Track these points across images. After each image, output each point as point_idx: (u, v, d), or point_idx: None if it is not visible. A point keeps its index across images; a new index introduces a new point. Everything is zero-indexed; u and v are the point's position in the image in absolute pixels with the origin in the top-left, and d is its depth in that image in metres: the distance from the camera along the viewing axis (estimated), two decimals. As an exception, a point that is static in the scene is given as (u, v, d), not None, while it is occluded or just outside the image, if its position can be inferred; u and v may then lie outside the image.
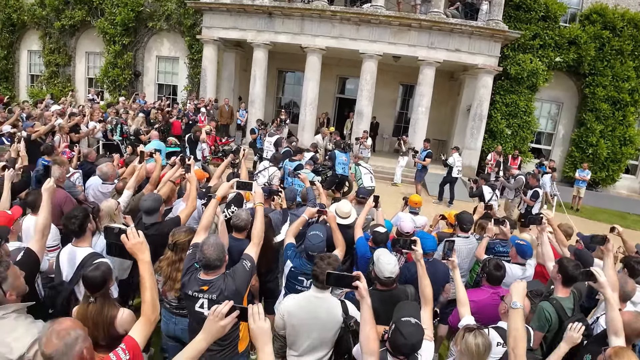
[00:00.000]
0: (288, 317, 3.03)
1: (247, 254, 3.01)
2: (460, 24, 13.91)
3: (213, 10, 15.61)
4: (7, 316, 2.29)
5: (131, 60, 18.82)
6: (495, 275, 3.65)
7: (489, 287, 3.66)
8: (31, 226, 3.86)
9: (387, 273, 3.22)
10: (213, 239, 2.79)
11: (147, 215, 3.88)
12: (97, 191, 5.24)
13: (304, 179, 5.51)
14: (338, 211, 4.67)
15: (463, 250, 4.57)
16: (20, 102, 14.92)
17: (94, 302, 2.51)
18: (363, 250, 4.17)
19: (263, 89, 15.94)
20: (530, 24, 15.36)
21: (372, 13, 14.15)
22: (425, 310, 2.89)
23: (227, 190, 3.62)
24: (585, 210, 13.84)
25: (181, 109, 14.76)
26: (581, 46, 15.35)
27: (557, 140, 17.33)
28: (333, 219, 4.16)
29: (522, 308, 2.61)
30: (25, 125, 8.87)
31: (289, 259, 3.64)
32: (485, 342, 2.45)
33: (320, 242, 3.52)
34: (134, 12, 17.93)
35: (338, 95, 19.91)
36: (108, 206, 4.10)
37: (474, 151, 14.98)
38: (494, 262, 3.73)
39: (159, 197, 4.03)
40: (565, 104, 16.95)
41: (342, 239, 3.94)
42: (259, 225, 3.22)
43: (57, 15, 19.21)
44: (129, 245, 2.33)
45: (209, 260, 2.69)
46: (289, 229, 4.03)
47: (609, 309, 2.97)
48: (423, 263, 3.02)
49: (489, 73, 14.41)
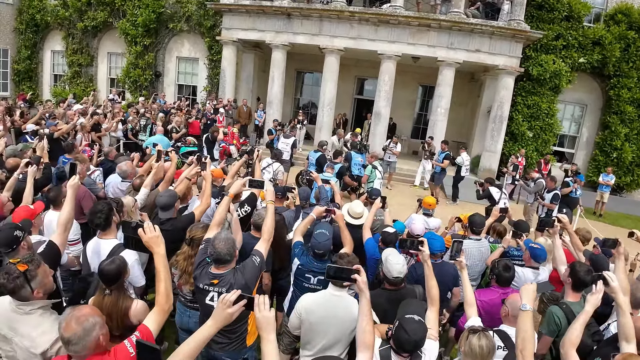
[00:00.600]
0: (306, 315, 3.11)
1: (257, 249, 3.12)
2: (480, 24, 13.82)
3: (232, 12, 15.86)
4: (34, 312, 2.42)
5: (152, 61, 19.26)
6: (505, 277, 3.68)
7: (499, 288, 3.71)
8: (53, 220, 4.02)
9: (396, 273, 3.29)
10: (224, 234, 2.91)
11: (162, 210, 4.03)
12: (117, 188, 5.45)
13: (316, 177, 5.60)
14: (350, 211, 4.75)
15: (474, 252, 4.58)
16: (44, 101, 15.40)
17: (109, 294, 2.66)
18: (372, 251, 4.24)
19: (281, 89, 16.13)
20: (553, 24, 15.15)
21: (391, 13, 14.18)
22: (432, 311, 2.94)
23: (239, 187, 3.74)
24: (608, 216, 13.59)
25: (200, 109, 15.02)
26: (606, 47, 15.08)
27: (580, 143, 17.05)
28: (341, 217, 4.22)
29: (531, 310, 2.64)
30: (49, 124, 9.18)
31: (296, 256, 3.73)
32: (490, 344, 2.49)
33: (326, 240, 3.59)
34: (155, 13, 18.33)
35: (356, 96, 19.98)
36: (126, 203, 4.27)
37: (494, 154, 14.86)
38: (503, 263, 3.77)
39: (174, 194, 4.18)
40: (589, 106, 16.67)
41: (350, 237, 4.01)
42: (269, 222, 3.32)
43: (79, 16, 19.80)
44: (146, 239, 2.47)
45: (219, 254, 2.80)
46: (297, 227, 4.12)
47: (620, 315, 2.95)
48: (430, 264, 3.08)
49: (510, 74, 14.28)
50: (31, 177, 4.45)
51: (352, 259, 3.11)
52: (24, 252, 2.95)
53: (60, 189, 4.19)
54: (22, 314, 2.40)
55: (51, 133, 8.45)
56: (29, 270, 2.39)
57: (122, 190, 5.36)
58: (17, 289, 2.35)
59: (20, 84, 21.93)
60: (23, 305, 2.40)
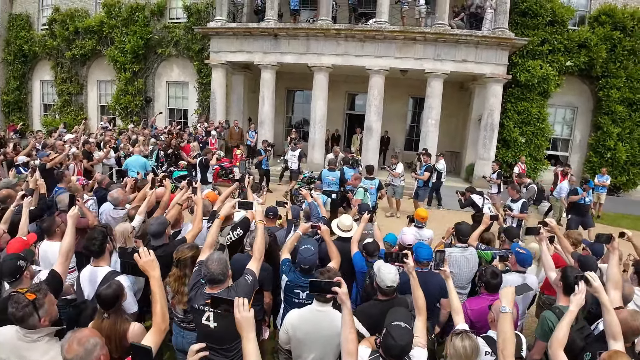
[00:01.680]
0: (292, 331, 3.26)
1: (249, 268, 3.29)
2: (465, 35, 14.20)
3: (220, 35, 16.23)
4: (41, 339, 2.56)
5: (142, 86, 19.59)
6: (493, 284, 3.81)
7: (488, 295, 3.83)
8: (47, 251, 4.19)
9: (389, 282, 3.43)
10: (217, 255, 3.09)
11: (154, 238, 4.18)
12: (109, 216, 5.58)
13: (306, 194, 5.78)
14: (340, 225, 4.93)
15: (461, 260, 4.73)
16: (34, 132, 15.61)
17: (108, 318, 2.82)
18: (360, 264, 4.41)
19: (272, 109, 16.40)
20: (538, 29, 15.53)
21: (377, 29, 14.55)
22: (419, 320, 3.08)
23: (229, 210, 3.92)
24: (606, 217, 13.75)
25: (192, 132, 15.25)
26: (592, 49, 15.43)
27: (574, 146, 17.33)
28: (327, 232, 4.37)
29: (510, 312, 2.78)
30: (40, 155, 9.33)
31: (284, 273, 3.89)
32: (472, 344, 2.64)
33: (312, 255, 3.74)
34: (143, 39, 18.74)
35: (348, 112, 20.26)
36: (124, 228, 4.42)
37: (487, 161, 15.02)
38: (490, 270, 3.90)
39: (164, 221, 4.33)
40: (580, 108, 16.98)
41: (337, 252, 4.16)
42: (259, 241, 3.49)
43: (67, 45, 20.21)
44: (141, 263, 2.67)
45: (213, 274, 2.97)
46: (285, 245, 4.31)
47: (605, 312, 3.05)
48: (415, 275, 3.24)
49: (498, 82, 14.61)
50: (26, 209, 4.60)
51: (332, 274, 3.23)
52: (27, 282, 3.11)
53: (53, 219, 4.34)
54: (30, 341, 2.53)
55: (43, 164, 8.62)
56: (37, 299, 2.54)
57: (115, 218, 5.49)
58: (26, 317, 2.50)
59: (10, 115, 22.25)
60: (30, 333, 2.54)
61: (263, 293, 4.26)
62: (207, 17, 17.76)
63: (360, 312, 3.63)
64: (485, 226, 5.47)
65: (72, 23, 19.80)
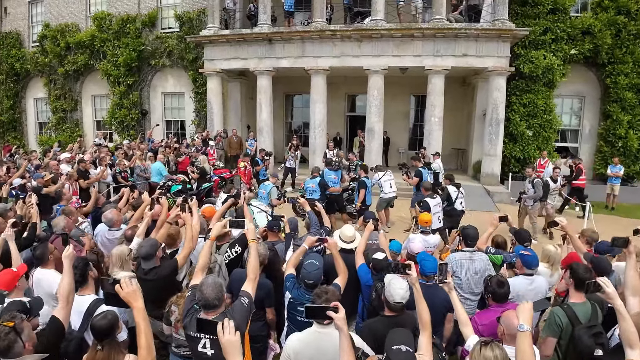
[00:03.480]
0: (294, 356, 3.17)
1: (245, 290, 3.24)
2: (464, 28, 14.12)
3: (213, 43, 16.27)
4: None
5: (137, 99, 19.67)
6: (500, 293, 3.74)
7: (497, 306, 3.74)
8: (42, 279, 4.19)
9: (398, 298, 3.37)
10: (211, 279, 3.05)
11: (144, 260, 4.15)
12: (104, 238, 5.57)
13: (304, 203, 5.73)
14: (342, 236, 4.87)
15: (468, 265, 4.66)
16: (29, 152, 15.69)
17: (102, 349, 2.79)
18: (365, 277, 4.32)
19: (270, 115, 16.41)
20: (539, 18, 15.42)
21: (373, 28, 14.52)
22: (424, 335, 3.01)
23: (220, 229, 3.88)
24: (621, 208, 13.60)
25: (189, 144, 15.26)
26: (596, 35, 15.30)
27: (583, 136, 17.16)
28: (334, 246, 4.27)
29: (529, 331, 2.69)
30: (36, 177, 9.34)
31: (288, 290, 3.83)
32: (503, 354, 2.55)
33: (316, 270, 3.70)
34: (136, 51, 18.85)
35: (348, 114, 20.26)
36: (121, 251, 4.38)
37: (494, 157, 14.97)
38: (495, 279, 3.82)
39: (155, 243, 4.28)
40: (588, 97, 16.82)
41: (344, 266, 4.07)
42: (253, 261, 3.44)
43: (59, 61, 20.35)
44: (123, 294, 2.64)
45: (207, 300, 2.92)
46: (289, 259, 4.23)
47: (620, 319, 2.98)
48: (418, 287, 3.19)
49: (501, 75, 14.52)
50: (11, 240, 4.57)
51: (330, 296, 3.13)
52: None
53: (46, 246, 4.33)
54: None
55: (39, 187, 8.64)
56: (16, 324, 2.58)
57: (110, 239, 5.48)
58: (11, 345, 2.52)
59: (5, 135, 22.48)
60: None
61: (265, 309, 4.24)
62: (199, 25, 17.81)
63: (366, 328, 3.58)
64: (494, 228, 5.36)
65: (63, 38, 19.95)
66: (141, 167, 12.17)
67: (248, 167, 12.78)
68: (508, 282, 3.87)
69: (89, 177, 10.53)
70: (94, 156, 12.51)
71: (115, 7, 19.62)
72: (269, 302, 4.18)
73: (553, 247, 5.26)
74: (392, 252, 5.26)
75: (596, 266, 4.18)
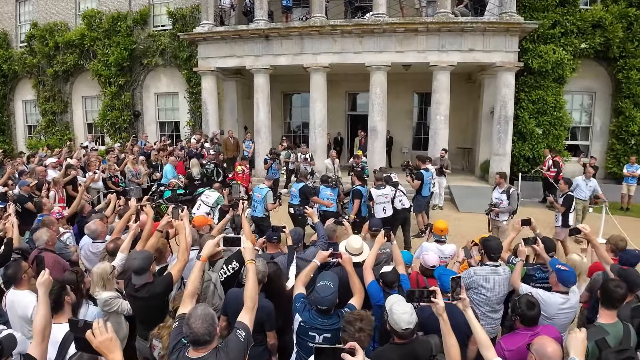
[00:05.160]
0: None
1: (241, 322, 2.87)
2: (470, 22, 13.78)
3: (207, 40, 15.90)
4: None
5: (129, 100, 19.29)
6: (530, 315, 3.36)
7: (526, 330, 3.37)
8: (15, 301, 3.87)
9: (404, 324, 3.01)
10: (201, 309, 2.64)
11: (137, 275, 3.75)
12: (89, 251, 5.21)
13: (311, 213, 5.34)
14: (348, 247, 4.50)
15: (492, 280, 4.28)
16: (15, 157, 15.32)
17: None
18: (377, 296, 3.96)
19: (268, 115, 16.06)
20: (548, 11, 15.12)
21: (375, 22, 14.18)
22: None
23: (212, 248, 3.49)
24: (637, 209, 13.27)
25: (184, 147, 14.91)
26: (607, 28, 14.98)
27: (594, 133, 16.80)
28: (349, 261, 3.98)
29: None
30: (21, 184, 8.99)
31: (298, 312, 3.49)
32: None
33: (331, 294, 3.35)
34: (127, 50, 18.48)
35: (350, 113, 19.93)
36: (102, 269, 4.04)
37: (503, 157, 14.61)
38: (524, 300, 3.45)
39: (149, 255, 3.91)
40: (598, 93, 16.49)
41: (360, 284, 3.78)
42: (250, 287, 3.08)
43: (48, 62, 19.97)
44: (96, 344, 2.24)
45: (196, 335, 2.53)
46: (299, 277, 3.88)
47: None
48: (446, 317, 2.81)
49: (509, 70, 14.18)
50: None
51: (364, 325, 2.82)
52: None
53: (19, 264, 3.98)
54: None
55: (23, 196, 8.30)
56: None
57: (95, 253, 5.12)
58: None
59: (-7, 139, 22.02)
60: None
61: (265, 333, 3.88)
62: (193, 22, 17.48)
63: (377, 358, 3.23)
64: (516, 233, 4.97)
65: (52, 38, 19.55)
66: (133, 172, 11.83)
67: (246, 171, 12.43)
68: (539, 303, 3.49)
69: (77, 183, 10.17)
70: (82, 161, 12.14)
71: (106, 5, 19.22)
72: (269, 325, 3.81)
73: (578, 256, 4.92)
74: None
75: (625, 280, 3.80)
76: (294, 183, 9.68)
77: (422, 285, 4.46)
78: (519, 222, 4.99)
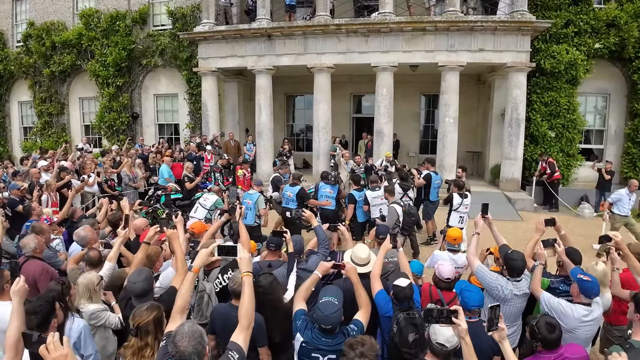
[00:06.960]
0: None
1: (234, 342, 2.65)
2: (481, 21, 13.57)
3: (208, 40, 15.76)
4: None
5: (127, 101, 19.11)
6: (551, 339, 3.13)
7: (548, 353, 3.14)
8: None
9: (442, 339, 2.80)
10: (188, 327, 2.42)
11: (139, 298, 3.47)
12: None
13: (310, 217, 5.09)
14: (354, 257, 4.25)
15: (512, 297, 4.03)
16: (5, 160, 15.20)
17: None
18: (385, 307, 3.72)
19: (270, 117, 15.89)
20: (561, 10, 14.87)
21: (381, 21, 13.99)
22: None
23: (205, 258, 3.23)
24: (652, 215, 12.98)
25: (183, 149, 14.72)
26: (622, 28, 14.71)
27: (609, 137, 16.50)
28: (354, 271, 3.74)
29: None
30: (12, 187, 8.81)
31: (299, 331, 3.25)
32: None
33: (335, 312, 3.10)
34: (126, 50, 18.31)
35: (354, 115, 19.79)
36: (89, 280, 3.82)
37: (515, 161, 14.38)
38: (543, 322, 3.19)
39: (149, 276, 3.64)
40: (613, 94, 16.21)
41: (366, 297, 3.56)
42: (246, 303, 2.84)
43: (45, 62, 19.80)
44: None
45: (182, 354, 2.32)
46: (298, 291, 3.63)
47: None
48: (469, 341, 2.56)
49: (521, 71, 13.96)
50: None
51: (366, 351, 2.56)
52: None
53: (1, 274, 3.76)
54: None
55: (13, 199, 8.12)
56: None
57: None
58: None
59: (-12, 141, 21.90)
60: None
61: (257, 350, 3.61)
62: (193, 21, 17.32)
63: None
64: (540, 234, 4.57)
65: (49, 37, 19.39)
66: (130, 176, 11.64)
67: (247, 175, 12.22)
68: (559, 323, 3.25)
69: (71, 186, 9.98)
70: (76, 163, 11.95)
71: (104, 4, 19.08)
72: (261, 340, 3.52)
73: (602, 265, 4.64)
74: (413, 275, 4.66)
75: None
76: (286, 186, 9.29)
77: (436, 299, 4.21)
78: (543, 222, 4.68)
